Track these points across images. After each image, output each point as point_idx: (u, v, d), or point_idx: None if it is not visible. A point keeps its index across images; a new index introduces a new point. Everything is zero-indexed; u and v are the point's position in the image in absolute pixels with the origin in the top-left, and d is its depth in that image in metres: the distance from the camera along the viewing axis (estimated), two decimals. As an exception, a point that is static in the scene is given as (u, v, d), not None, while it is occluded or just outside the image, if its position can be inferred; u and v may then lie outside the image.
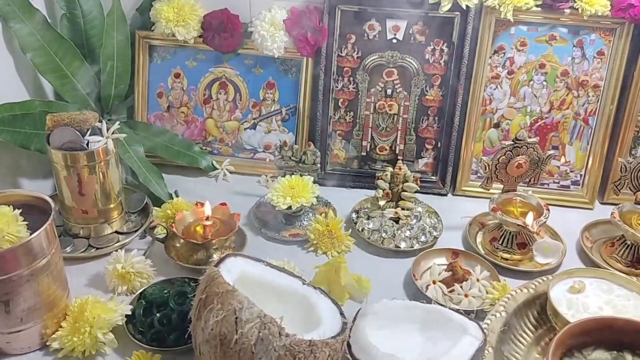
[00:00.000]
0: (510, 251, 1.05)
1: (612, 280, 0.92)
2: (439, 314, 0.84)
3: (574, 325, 0.74)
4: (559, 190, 1.22)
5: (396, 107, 1.21)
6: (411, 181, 1.09)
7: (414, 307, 0.86)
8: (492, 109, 1.19)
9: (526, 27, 1.14)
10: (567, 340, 0.73)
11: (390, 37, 1.17)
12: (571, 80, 1.16)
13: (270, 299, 0.80)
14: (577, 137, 1.19)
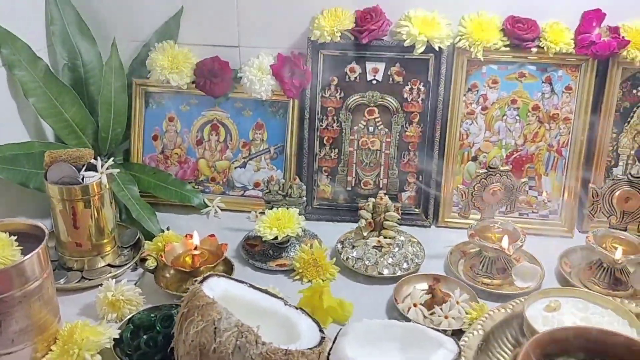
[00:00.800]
0: (490, 276, 1.08)
1: (587, 299, 0.94)
2: (417, 332, 0.87)
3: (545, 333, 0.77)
4: (538, 220, 1.26)
5: (378, 143, 1.28)
6: (392, 210, 1.13)
7: (393, 325, 0.89)
8: (469, 143, 1.25)
9: (496, 65, 1.22)
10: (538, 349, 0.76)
11: (370, 79, 1.25)
12: (542, 114, 1.22)
13: (252, 317, 0.82)
14: (552, 168, 1.24)
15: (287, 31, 1.28)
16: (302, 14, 1.25)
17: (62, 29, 1.28)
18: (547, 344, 0.75)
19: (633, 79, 1.19)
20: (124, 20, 1.32)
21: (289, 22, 1.27)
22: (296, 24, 1.27)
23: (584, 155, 1.22)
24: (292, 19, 1.26)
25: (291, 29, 1.27)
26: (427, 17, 1.20)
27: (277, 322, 0.84)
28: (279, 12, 1.26)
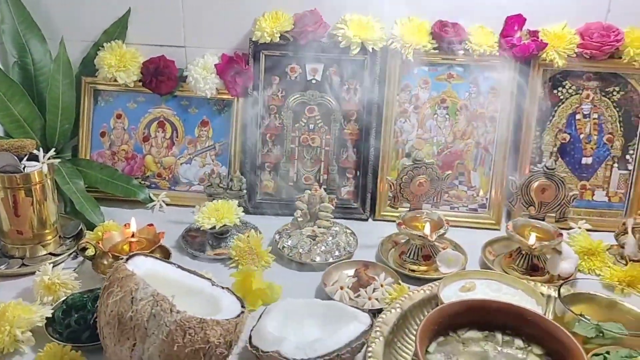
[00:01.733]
0: (416, 263, 1.14)
1: (500, 280, 1.01)
2: (336, 308, 0.92)
3: (446, 306, 0.83)
4: (468, 213, 1.33)
5: (318, 140, 1.34)
6: (327, 202, 1.19)
7: (315, 303, 0.94)
8: (403, 140, 1.32)
9: (427, 67, 1.29)
10: (440, 319, 0.81)
11: (310, 78, 1.31)
12: (470, 112, 1.30)
13: (178, 295, 0.86)
14: (479, 164, 1.32)
15: (231, 32, 1.34)
16: (245, 16, 1.32)
17: (12, 28, 1.32)
18: (438, 319, 0.80)
19: (553, 79, 1.27)
20: (74, 20, 1.37)
21: (233, 23, 1.33)
22: (240, 25, 1.33)
23: (509, 151, 1.30)
24: (236, 21, 1.33)
25: (235, 31, 1.34)
26: (362, 21, 1.27)
27: (202, 299, 0.88)
28: (223, 14, 1.33)
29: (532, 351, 0.80)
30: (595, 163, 1.30)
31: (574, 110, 1.28)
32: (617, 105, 1.27)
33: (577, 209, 1.31)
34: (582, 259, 1.16)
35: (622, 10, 1.24)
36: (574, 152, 1.30)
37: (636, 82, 1.25)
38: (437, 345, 0.81)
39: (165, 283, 0.86)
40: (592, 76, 1.26)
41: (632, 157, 1.28)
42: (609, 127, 1.28)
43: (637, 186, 1.28)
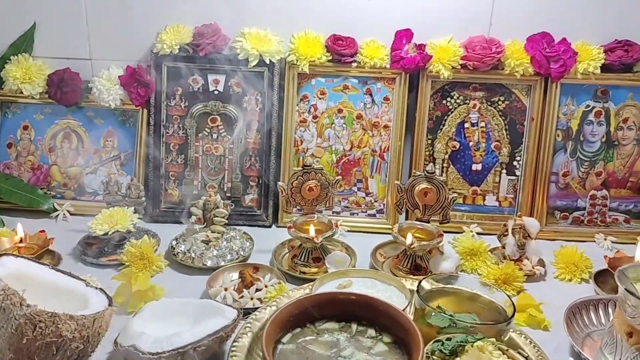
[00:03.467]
0: (307, 265, 1.18)
1: (376, 277, 1.05)
2: (208, 306, 0.95)
3: (303, 299, 0.87)
4: (367, 218, 1.38)
5: (222, 149, 1.37)
6: (222, 207, 1.22)
7: (189, 302, 0.97)
8: (304, 148, 1.37)
9: (324, 78, 1.35)
10: (296, 312, 0.85)
11: (212, 89, 1.36)
12: (365, 122, 1.36)
13: (46, 294, 0.88)
14: (376, 171, 1.37)
15: (136, 45, 1.38)
16: (149, 29, 1.36)
17: None
18: (294, 312, 0.84)
19: (442, 90, 1.34)
20: (-20, 34, 1.39)
21: (138, 36, 1.37)
22: (144, 38, 1.37)
23: (404, 159, 1.36)
24: (140, 34, 1.37)
25: (140, 43, 1.37)
26: (259, 34, 1.32)
27: (72, 298, 0.89)
28: (128, 27, 1.36)
29: (382, 339, 0.84)
30: (485, 169, 1.37)
31: (462, 119, 1.35)
32: (503, 114, 1.34)
33: (469, 213, 1.38)
34: (465, 259, 1.21)
35: (504, 24, 1.32)
36: (464, 159, 1.37)
37: (519, 92, 1.33)
38: (291, 336, 0.84)
39: (33, 282, 0.88)
40: (478, 87, 1.33)
41: (519, 163, 1.36)
42: (496, 135, 1.35)
43: (524, 191, 1.36)
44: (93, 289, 0.92)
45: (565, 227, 1.36)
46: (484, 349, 0.80)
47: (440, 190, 1.19)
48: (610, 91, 1.31)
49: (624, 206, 1.35)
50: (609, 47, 1.29)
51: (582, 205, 1.36)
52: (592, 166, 1.34)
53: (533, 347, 0.92)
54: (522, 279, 1.14)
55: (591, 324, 1.03)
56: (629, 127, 1.32)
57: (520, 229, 1.20)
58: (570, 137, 1.33)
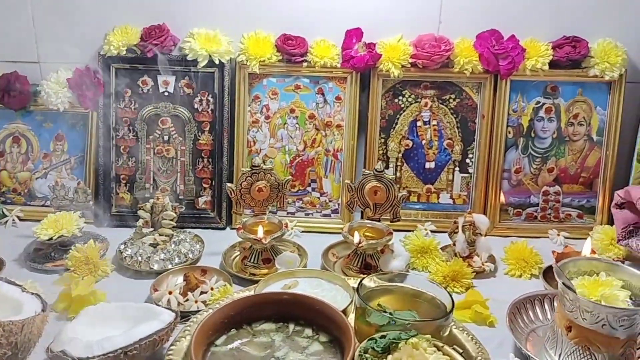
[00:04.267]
0: (257, 266, 1.17)
1: (322, 277, 1.04)
2: (148, 310, 0.93)
3: (238, 300, 0.86)
4: (322, 218, 1.37)
5: (173, 151, 1.36)
6: (170, 210, 1.21)
7: (128, 306, 0.95)
8: (257, 149, 1.36)
9: (275, 78, 1.34)
10: (232, 313, 0.84)
11: (162, 91, 1.34)
12: (318, 122, 1.35)
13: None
14: (330, 171, 1.36)
15: (85, 47, 1.35)
16: (97, 31, 1.34)
17: None
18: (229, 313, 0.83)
19: (393, 89, 1.34)
20: None
21: (86, 39, 1.35)
22: (93, 40, 1.35)
23: (357, 158, 1.35)
24: (89, 36, 1.35)
25: (88, 45, 1.35)
26: (209, 34, 1.31)
27: (7, 305, 0.88)
28: (76, 30, 1.34)
29: (318, 339, 0.84)
30: (438, 167, 1.37)
31: (414, 118, 1.35)
32: (454, 112, 1.35)
33: (424, 211, 1.38)
34: (416, 256, 1.21)
35: (453, 23, 1.32)
36: (417, 157, 1.37)
37: (470, 89, 1.34)
38: (226, 338, 0.83)
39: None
40: (429, 85, 1.34)
41: (471, 160, 1.36)
42: (448, 133, 1.36)
43: (477, 188, 1.36)
44: (29, 295, 0.91)
45: (518, 224, 1.37)
46: (418, 346, 0.79)
47: (390, 188, 1.19)
48: (559, 87, 1.32)
49: (577, 202, 1.36)
50: (557, 44, 1.30)
51: (535, 201, 1.36)
52: (544, 162, 1.35)
53: (475, 344, 0.92)
54: (470, 276, 1.14)
55: (537, 319, 1.03)
56: (580, 123, 1.33)
57: (470, 226, 1.20)
58: (522, 133, 1.34)
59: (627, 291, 0.88)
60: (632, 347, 0.87)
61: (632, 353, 0.87)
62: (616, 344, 0.85)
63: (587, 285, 0.89)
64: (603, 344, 0.85)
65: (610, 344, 0.85)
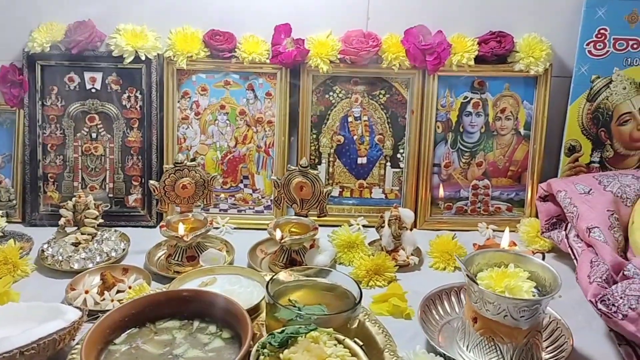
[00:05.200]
0: (181, 264, 1.16)
1: (241, 274, 1.04)
2: (56, 309, 0.92)
3: (140, 298, 0.85)
4: (254, 215, 1.37)
5: (101, 149, 1.34)
6: (92, 208, 1.19)
7: (37, 306, 0.94)
8: (187, 146, 1.35)
9: (204, 74, 1.33)
10: (132, 311, 0.83)
11: (90, 87, 1.32)
12: (249, 118, 1.35)
13: None
14: (262, 167, 1.36)
15: (9, 45, 1.33)
16: (22, 27, 1.31)
17: None
18: (130, 311, 0.82)
19: (324, 85, 1.34)
20: None
21: (11, 36, 1.32)
22: (18, 38, 1.32)
23: (289, 154, 1.35)
24: (15, 34, 1.32)
25: (14, 43, 1.32)
26: (135, 30, 1.30)
27: None
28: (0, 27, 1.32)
29: (221, 335, 0.83)
30: (370, 162, 1.38)
31: (345, 114, 1.36)
32: (385, 107, 1.35)
33: (357, 206, 1.39)
34: (343, 251, 1.21)
35: (381, 19, 1.33)
36: (349, 152, 1.37)
37: (399, 85, 1.34)
38: (127, 336, 0.82)
39: None
40: (358, 81, 1.34)
41: (402, 155, 1.37)
42: (379, 128, 1.36)
43: (408, 183, 1.37)
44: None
45: (449, 217, 1.38)
46: (319, 340, 0.80)
47: (315, 184, 1.19)
48: (487, 82, 1.34)
49: (506, 195, 1.38)
50: (483, 39, 1.32)
51: (465, 195, 1.38)
52: (472, 156, 1.36)
53: (384, 336, 0.93)
54: (393, 270, 1.15)
55: (453, 311, 1.04)
56: (507, 117, 1.35)
57: (396, 220, 1.21)
58: (450, 128, 1.35)
59: (532, 282, 0.90)
60: (536, 337, 0.88)
61: (536, 343, 0.89)
62: (519, 334, 0.86)
63: (494, 277, 0.91)
64: (506, 335, 0.87)
65: (513, 335, 0.86)
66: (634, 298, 0.78)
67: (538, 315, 0.87)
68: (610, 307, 0.81)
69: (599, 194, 1.09)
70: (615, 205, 1.07)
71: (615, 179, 1.13)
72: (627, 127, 1.34)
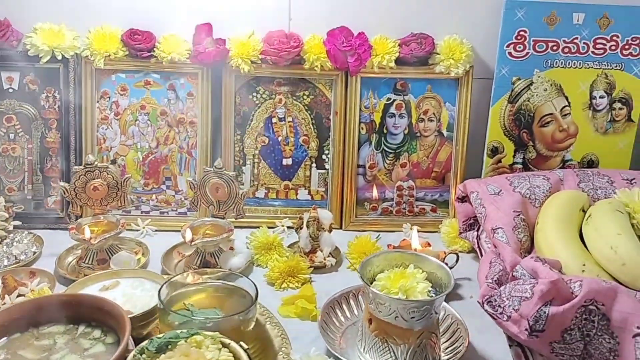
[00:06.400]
0: (91, 267, 1.14)
1: (146, 277, 1.03)
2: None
3: (23, 302, 0.84)
4: (177, 217, 1.35)
5: (20, 150, 1.31)
6: (3, 210, 1.17)
7: None
8: (107, 147, 1.33)
9: (124, 74, 1.31)
10: (15, 316, 0.81)
11: (7, 87, 1.29)
12: (170, 118, 1.33)
13: None
14: (185, 168, 1.35)
15: None
16: None
17: None
18: (13, 316, 0.81)
19: (247, 85, 1.33)
20: None
21: None
22: None
23: (212, 155, 1.34)
24: None
25: None
26: (53, 29, 1.27)
27: None
28: None
29: (105, 340, 0.82)
30: (295, 164, 1.37)
31: (270, 114, 1.35)
32: (309, 108, 1.35)
33: (283, 208, 1.38)
34: (260, 253, 1.20)
35: (304, 20, 1.32)
36: (274, 154, 1.36)
37: (323, 86, 1.34)
38: (6, 342, 0.80)
39: None
40: (282, 81, 1.33)
41: (327, 156, 1.36)
42: (304, 130, 1.36)
43: (334, 184, 1.37)
44: None
45: (374, 218, 1.38)
46: (202, 344, 0.79)
47: (231, 185, 1.18)
48: (409, 84, 1.34)
49: (430, 196, 1.39)
50: (404, 41, 1.32)
51: (390, 196, 1.38)
52: (397, 158, 1.37)
53: (282, 339, 0.92)
54: (307, 271, 1.14)
55: (361, 313, 1.04)
56: (430, 119, 1.36)
57: (314, 221, 1.21)
58: (374, 129, 1.35)
59: (427, 283, 0.90)
60: (430, 338, 0.89)
61: (430, 344, 0.89)
62: (410, 335, 0.86)
63: (391, 278, 0.91)
64: (398, 336, 0.87)
65: (405, 336, 0.86)
66: (517, 299, 0.79)
67: (430, 316, 0.87)
68: (496, 308, 0.82)
69: (507, 195, 1.10)
70: (523, 206, 1.08)
71: (526, 179, 1.14)
72: (549, 128, 1.35)
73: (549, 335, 0.75)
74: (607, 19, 1.30)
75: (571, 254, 0.93)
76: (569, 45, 1.31)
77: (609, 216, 0.96)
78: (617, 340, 0.75)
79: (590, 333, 0.75)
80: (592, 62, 1.32)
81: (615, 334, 0.75)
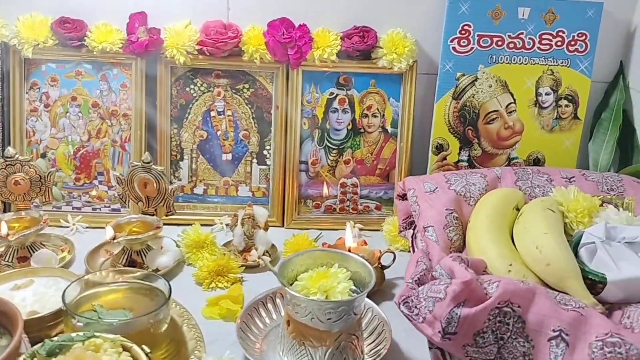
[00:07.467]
0: (12, 265, 1.09)
1: (61, 276, 0.98)
2: None
3: None
4: (111, 213, 1.30)
5: (-57, 142, 1.25)
6: None
7: None
8: (37, 140, 1.27)
9: (55, 64, 1.26)
10: None
11: None
12: (103, 110, 1.28)
13: None
14: (118, 163, 1.30)
15: None
16: None
17: None
18: None
19: (184, 77, 1.29)
20: None
21: None
22: None
23: (147, 149, 1.29)
24: None
25: None
26: (-22, 16, 1.22)
27: None
28: None
29: None
30: (235, 159, 1.33)
31: (208, 108, 1.30)
32: (249, 102, 1.31)
33: (223, 204, 1.34)
34: (191, 251, 1.16)
35: (242, 10, 1.28)
36: (213, 149, 1.32)
37: (263, 79, 1.30)
38: None
39: None
40: (221, 74, 1.29)
41: (269, 152, 1.32)
42: (244, 124, 1.32)
43: (275, 180, 1.33)
44: None
45: (317, 216, 1.34)
46: (100, 347, 0.74)
47: (160, 180, 1.13)
48: (352, 78, 1.30)
49: (375, 193, 1.35)
50: (347, 34, 1.28)
51: (334, 193, 1.35)
52: (340, 154, 1.33)
53: (196, 342, 0.88)
54: (237, 270, 1.10)
55: (288, 313, 1.00)
56: (374, 115, 1.32)
57: (249, 219, 1.17)
58: (317, 125, 1.32)
59: (349, 282, 0.86)
60: (350, 340, 0.85)
61: (351, 346, 0.85)
62: (328, 337, 0.82)
63: (313, 277, 0.87)
64: (315, 338, 0.83)
65: (322, 338, 0.82)
66: (432, 300, 0.75)
67: (348, 317, 0.83)
68: (412, 310, 0.78)
69: (442, 193, 1.06)
70: (457, 203, 1.05)
71: (463, 177, 1.11)
72: (494, 125, 1.33)
73: (461, 338, 0.72)
74: (553, 14, 1.27)
75: (498, 254, 0.90)
76: (514, 41, 1.28)
77: (538, 214, 0.93)
78: (532, 344, 0.72)
79: (504, 336, 0.72)
80: (538, 58, 1.29)
81: (530, 337, 0.72)
